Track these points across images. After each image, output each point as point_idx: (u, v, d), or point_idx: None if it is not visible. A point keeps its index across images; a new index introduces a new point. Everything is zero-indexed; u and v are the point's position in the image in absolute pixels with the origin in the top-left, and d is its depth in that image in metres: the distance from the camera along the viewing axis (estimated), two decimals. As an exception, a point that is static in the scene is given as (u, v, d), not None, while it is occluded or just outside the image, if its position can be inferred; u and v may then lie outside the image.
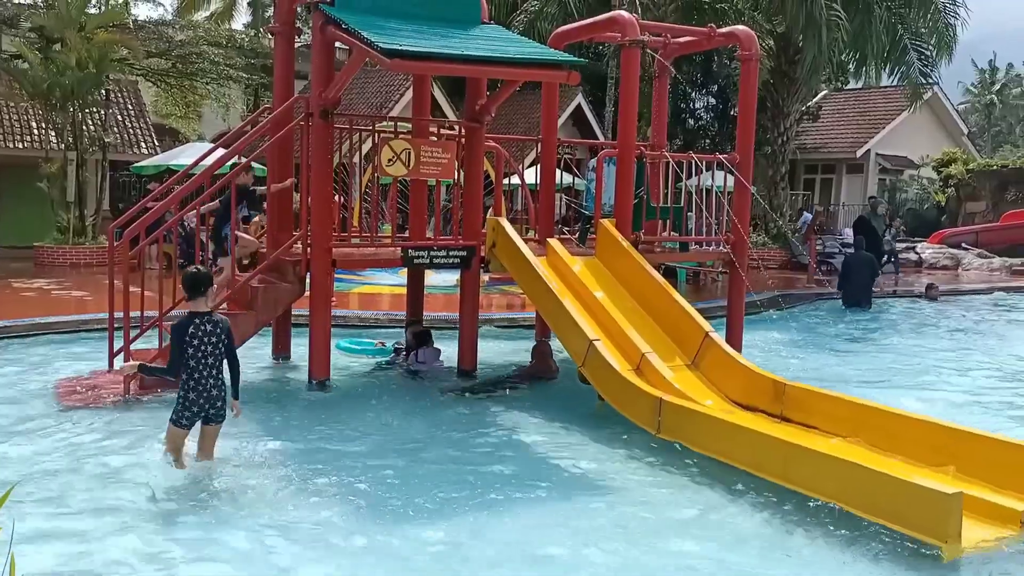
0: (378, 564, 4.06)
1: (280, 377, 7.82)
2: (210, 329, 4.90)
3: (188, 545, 4.15)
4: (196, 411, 4.93)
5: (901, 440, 5.36)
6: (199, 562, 4.02)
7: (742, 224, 8.86)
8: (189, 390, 4.90)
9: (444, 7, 7.16)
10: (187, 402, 4.91)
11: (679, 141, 23.68)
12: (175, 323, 5.02)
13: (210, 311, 5.07)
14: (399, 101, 21.25)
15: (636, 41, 8.04)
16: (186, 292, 5.03)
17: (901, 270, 19.36)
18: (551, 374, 7.77)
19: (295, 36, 8.27)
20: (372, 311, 10.90)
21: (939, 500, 4.09)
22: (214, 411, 4.97)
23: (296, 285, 7.34)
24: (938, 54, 19.48)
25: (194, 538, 4.23)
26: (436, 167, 7.57)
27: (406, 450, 5.70)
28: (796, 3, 16.79)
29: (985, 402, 7.59)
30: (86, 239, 17.42)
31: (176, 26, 21.97)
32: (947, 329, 12.24)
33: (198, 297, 4.96)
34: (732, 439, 5.29)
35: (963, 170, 27.00)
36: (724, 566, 4.08)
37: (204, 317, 4.93)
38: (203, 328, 4.89)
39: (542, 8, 19.05)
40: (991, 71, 54.87)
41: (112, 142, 19.74)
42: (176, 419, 4.95)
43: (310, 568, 4.01)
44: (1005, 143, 48.21)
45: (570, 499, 4.88)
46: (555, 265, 7.68)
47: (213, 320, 4.96)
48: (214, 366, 4.93)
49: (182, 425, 4.96)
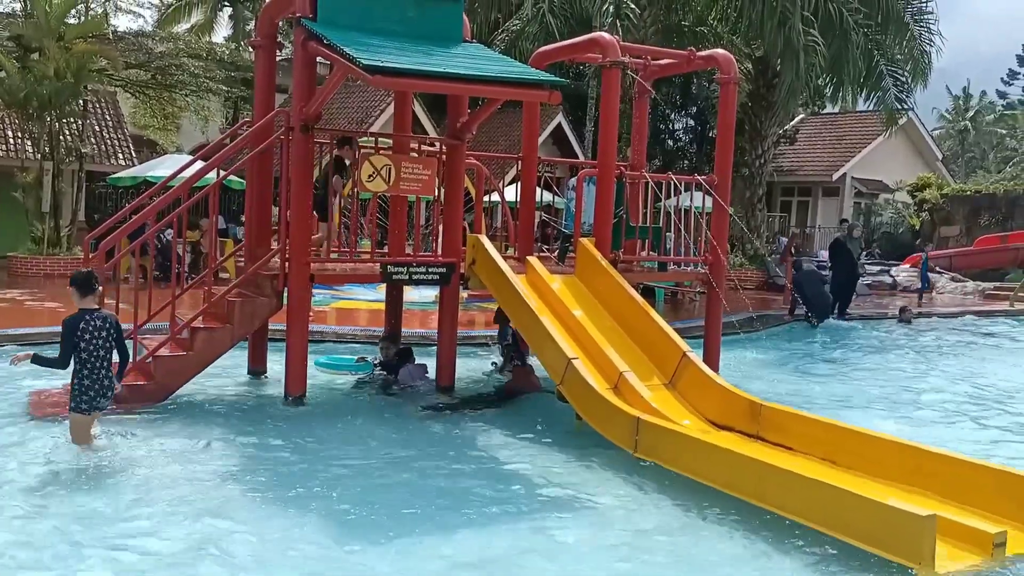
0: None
1: (255, 392, 7.73)
2: (99, 324, 5.44)
3: (153, 555, 4.08)
4: (92, 396, 5.44)
5: (875, 461, 5.39)
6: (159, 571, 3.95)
7: (720, 245, 8.94)
8: (84, 378, 5.42)
9: (426, 25, 7.18)
10: (83, 389, 5.42)
11: (658, 161, 23.90)
12: (67, 319, 5.45)
13: (98, 307, 5.57)
14: (379, 117, 21.27)
15: (617, 62, 8.12)
16: (76, 291, 5.48)
17: (873, 292, 19.67)
18: (533, 389, 7.74)
19: (276, 50, 8.26)
20: (350, 326, 10.83)
21: (914, 522, 4.11)
22: (104, 399, 5.54)
23: (273, 299, 7.28)
24: (913, 80, 19.86)
25: (156, 549, 4.16)
26: (417, 183, 7.56)
27: (377, 466, 5.66)
28: (774, 28, 17.06)
29: (959, 424, 7.67)
30: (61, 250, 17.21)
31: (156, 38, 21.85)
32: (920, 351, 12.39)
33: (88, 295, 5.49)
34: (708, 459, 5.29)
35: (937, 195, 27.47)
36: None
37: (93, 314, 5.47)
38: (93, 323, 5.42)
39: (524, 28, 19.22)
40: (965, 98, 55.99)
41: (89, 153, 19.57)
42: (76, 407, 5.47)
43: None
44: (979, 169, 49.16)
45: (544, 519, 4.85)
46: (534, 283, 7.68)
47: (102, 316, 5.50)
48: (105, 358, 5.47)
49: (83, 411, 5.48)
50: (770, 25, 17.07)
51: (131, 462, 5.43)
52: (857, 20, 18.12)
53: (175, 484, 5.11)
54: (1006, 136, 52.85)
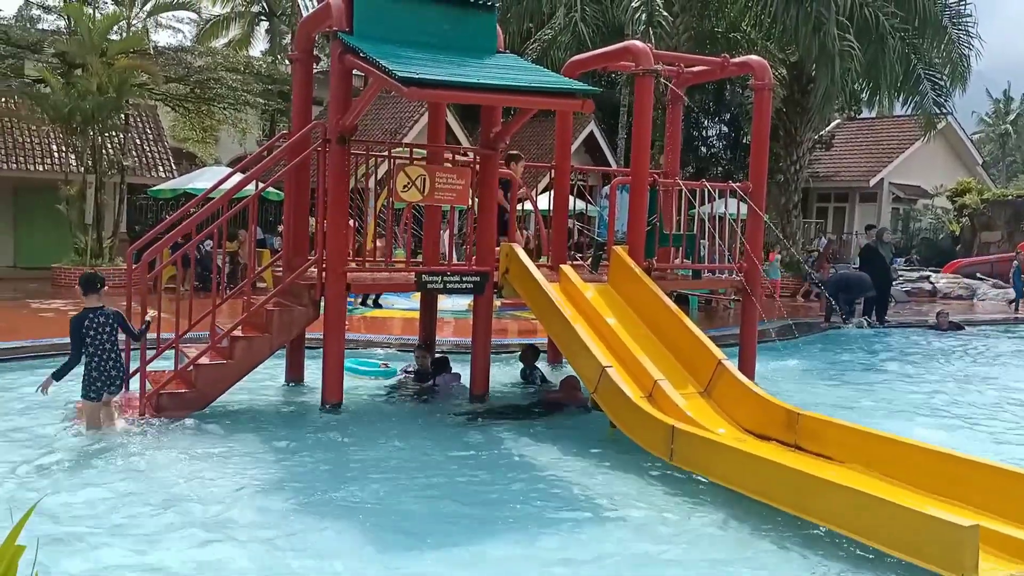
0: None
1: (292, 400, 7.84)
2: (103, 320, 6.06)
3: (195, 562, 4.16)
4: (100, 386, 6.09)
5: (916, 471, 5.31)
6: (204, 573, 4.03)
7: (755, 252, 8.87)
8: (92, 370, 6.06)
9: (460, 36, 7.26)
10: (91, 380, 6.07)
11: (691, 169, 23.77)
12: (73, 317, 6.08)
13: (102, 305, 6.13)
14: (413, 127, 21.47)
15: (650, 70, 8.12)
16: (81, 290, 6.17)
17: (912, 299, 19.34)
18: (577, 403, 7.67)
19: (313, 63, 8.40)
20: (384, 335, 10.94)
21: (956, 532, 4.04)
22: (114, 386, 6.22)
23: (311, 309, 7.39)
24: (952, 84, 19.52)
25: (201, 557, 4.24)
26: (451, 193, 7.63)
27: (414, 473, 5.70)
28: (809, 33, 16.90)
29: (1003, 434, 7.51)
30: (103, 261, 17.62)
31: (195, 52, 22.36)
32: (962, 359, 12.15)
33: (91, 294, 6.12)
34: (745, 468, 5.25)
35: (978, 200, 26.93)
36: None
37: (97, 311, 6.08)
38: (97, 320, 6.04)
39: (556, 37, 19.26)
40: (1005, 101, 54.90)
41: (130, 165, 20.03)
42: (86, 394, 6.11)
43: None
44: (1020, 173, 48.09)
45: (576, 527, 4.85)
46: (568, 291, 7.70)
47: (105, 313, 6.10)
48: (111, 350, 6.11)
49: (91, 399, 6.11)
50: (805, 30, 16.90)
51: (171, 470, 5.54)
52: (893, 24, 17.87)
53: (214, 490, 5.20)
54: (1049, 139, 51.65)
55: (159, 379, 7.02)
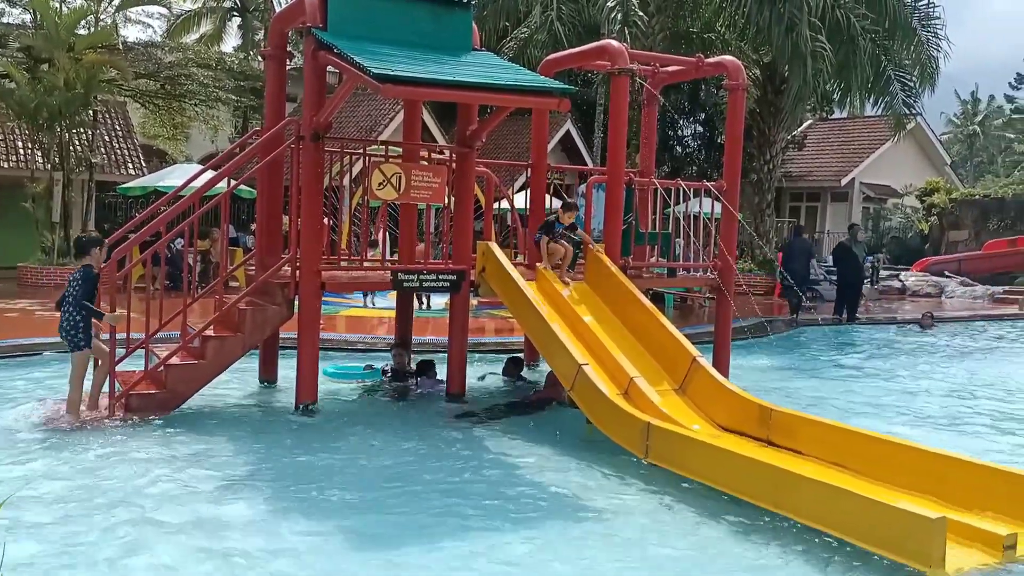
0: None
1: (266, 400, 7.77)
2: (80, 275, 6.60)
3: (163, 565, 4.10)
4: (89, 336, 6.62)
5: (885, 465, 5.38)
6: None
7: (729, 250, 8.94)
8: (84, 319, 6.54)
9: (436, 34, 7.23)
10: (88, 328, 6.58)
11: (667, 168, 23.92)
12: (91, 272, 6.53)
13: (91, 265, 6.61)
14: (389, 125, 21.37)
15: (625, 70, 8.15)
16: (77, 251, 6.82)
17: (882, 297, 19.66)
18: (563, 399, 7.67)
19: (287, 60, 8.32)
20: (360, 334, 10.87)
21: (924, 525, 4.10)
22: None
23: (284, 308, 7.32)
24: (921, 85, 19.84)
25: (170, 561, 4.17)
26: (426, 191, 7.60)
27: (388, 474, 5.67)
28: (782, 34, 17.08)
29: (970, 428, 7.64)
30: (71, 260, 17.32)
31: (165, 48, 22.03)
32: (931, 355, 12.35)
33: (81, 255, 6.72)
34: (719, 463, 5.29)
35: (946, 199, 27.39)
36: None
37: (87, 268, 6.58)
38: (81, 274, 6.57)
39: (532, 35, 19.28)
40: (973, 102, 55.90)
41: (99, 163, 19.73)
42: (85, 345, 6.58)
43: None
44: (987, 173, 48.98)
45: (553, 524, 4.85)
46: (544, 290, 7.70)
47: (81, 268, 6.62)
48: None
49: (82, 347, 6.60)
50: (778, 31, 17.08)
51: (140, 471, 5.44)
52: (864, 26, 18.11)
53: (185, 493, 5.13)
54: (1014, 141, 52.68)
55: (129, 379, 6.92)
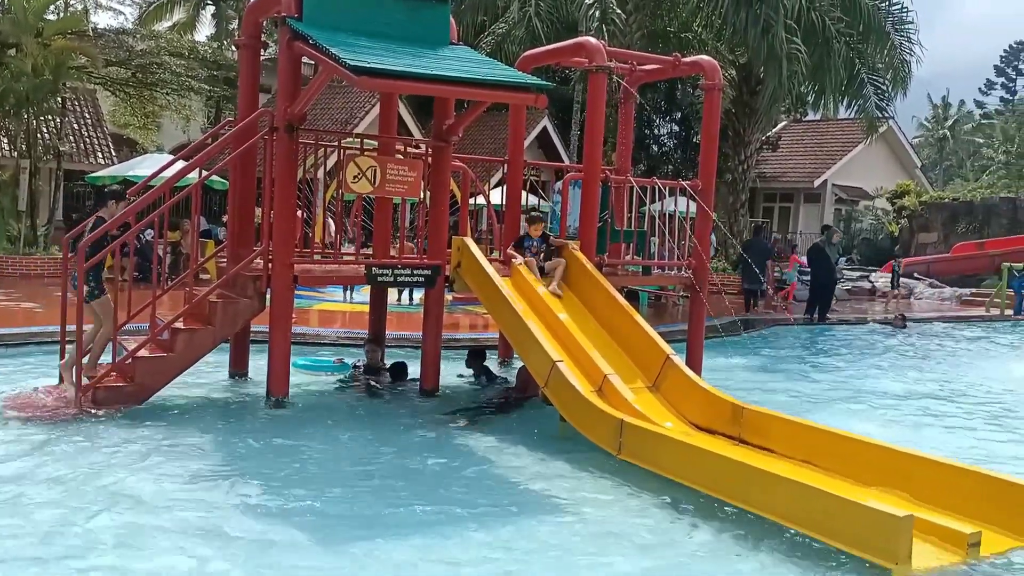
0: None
1: (236, 394, 7.67)
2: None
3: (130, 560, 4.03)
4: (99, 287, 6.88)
5: (854, 463, 5.44)
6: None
7: (703, 249, 8.99)
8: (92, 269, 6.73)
9: (413, 26, 7.17)
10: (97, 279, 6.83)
11: (643, 166, 24.05)
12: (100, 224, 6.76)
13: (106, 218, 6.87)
14: (364, 118, 21.23)
15: (603, 67, 8.15)
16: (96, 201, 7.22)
17: (853, 297, 19.93)
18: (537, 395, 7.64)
19: (261, 49, 8.21)
20: (332, 328, 10.79)
21: (891, 523, 4.15)
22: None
23: (256, 301, 7.23)
24: (893, 89, 20.11)
25: (129, 558, 4.10)
26: (402, 185, 7.55)
27: (359, 469, 5.63)
28: (758, 35, 17.20)
29: (938, 427, 7.76)
30: (38, 249, 17.01)
31: (137, 35, 21.65)
32: (902, 355, 12.52)
33: (100, 208, 7.05)
34: (691, 461, 5.31)
35: (916, 202, 27.79)
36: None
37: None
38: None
39: (510, 31, 19.25)
40: (944, 107, 56.82)
41: (67, 151, 19.38)
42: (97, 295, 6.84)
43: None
44: (956, 176, 49.83)
45: (525, 521, 4.84)
46: (520, 286, 7.68)
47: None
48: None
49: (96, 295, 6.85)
50: (753, 32, 17.21)
51: (107, 466, 5.36)
52: (839, 29, 18.31)
53: (154, 486, 5.05)
54: (983, 145, 53.61)
55: (96, 372, 6.79)
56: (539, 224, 8.06)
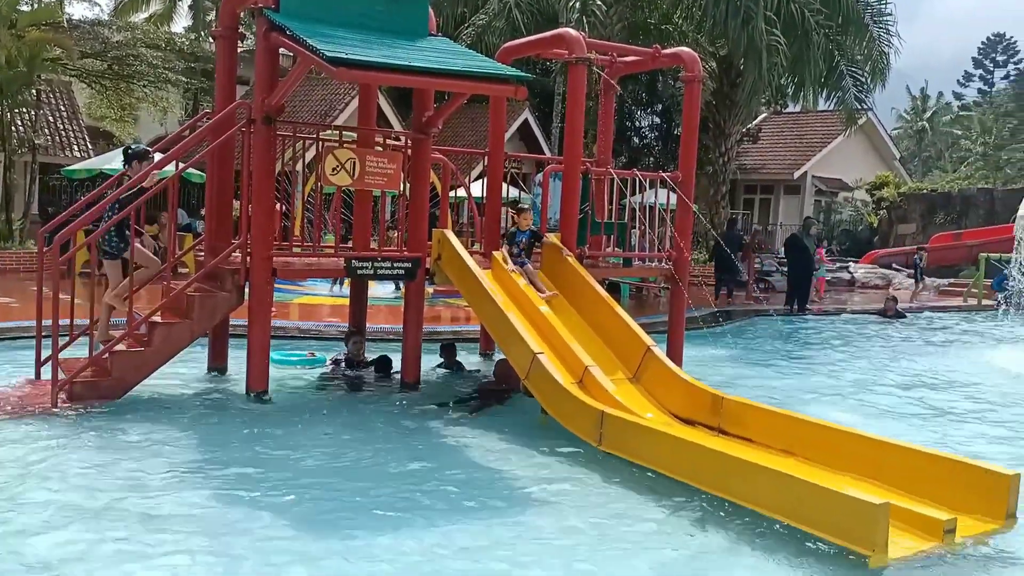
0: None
1: (215, 389, 7.61)
2: None
3: (110, 555, 3.99)
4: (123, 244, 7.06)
5: (832, 452, 5.49)
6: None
7: (684, 241, 9.01)
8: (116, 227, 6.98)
9: (391, 18, 7.12)
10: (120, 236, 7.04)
11: (624, 158, 24.07)
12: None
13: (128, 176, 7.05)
14: (344, 110, 21.08)
15: (583, 59, 8.13)
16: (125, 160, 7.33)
17: (832, 288, 20.12)
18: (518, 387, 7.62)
19: (238, 41, 8.12)
20: (313, 322, 10.73)
21: (868, 510, 4.19)
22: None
23: (234, 294, 7.17)
24: (872, 80, 20.26)
25: (117, 552, 4.07)
26: (382, 178, 7.50)
27: (341, 463, 5.60)
28: (738, 27, 17.26)
29: (915, 416, 7.84)
30: (13, 244, 16.77)
31: (113, 27, 21.35)
32: (881, 345, 12.65)
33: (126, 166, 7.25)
34: (671, 451, 5.34)
35: (895, 193, 28.06)
36: (649, 574, 4.12)
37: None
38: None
39: (490, 22, 19.19)
40: (923, 99, 57.31)
41: (42, 144, 19.11)
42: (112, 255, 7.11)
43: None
44: (934, 168, 50.35)
45: (506, 513, 4.84)
46: (500, 278, 7.67)
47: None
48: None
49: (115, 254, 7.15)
50: (734, 24, 17.27)
51: (84, 462, 5.29)
52: (818, 21, 18.41)
53: (132, 482, 5.00)
54: (961, 137, 54.18)
55: (73, 367, 6.72)
56: (527, 215, 8.03)
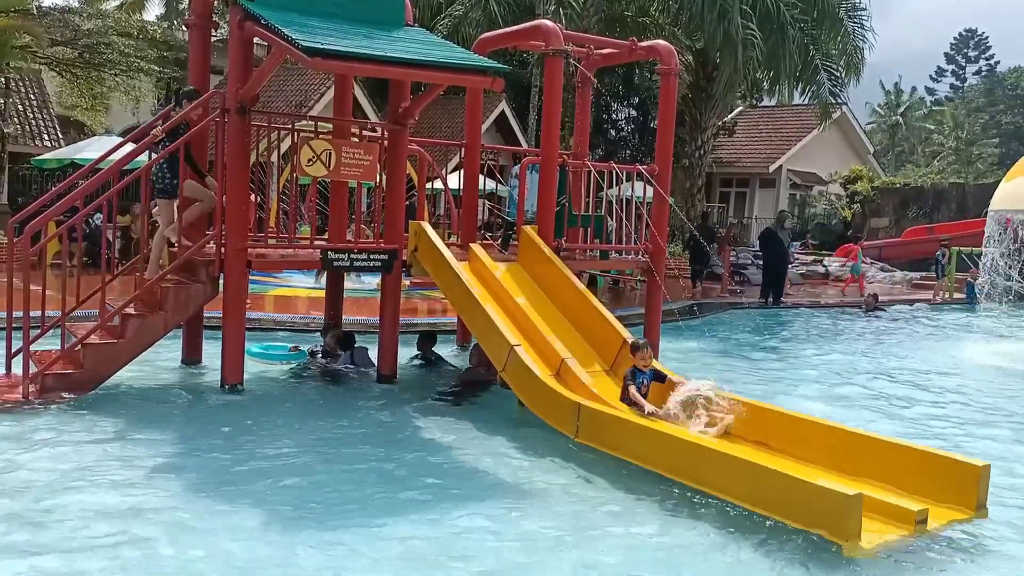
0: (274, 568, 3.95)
1: (189, 381, 7.54)
2: None
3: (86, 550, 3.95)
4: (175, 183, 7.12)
5: (805, 443, 5.56)
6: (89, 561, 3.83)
7: (660, 234, 9.06)
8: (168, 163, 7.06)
9: (367, 7, 7.07)
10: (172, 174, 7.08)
11: (601, 151, 24.13)
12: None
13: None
14: (319, 101, 20.90)
15: (560, 51, 8.13)
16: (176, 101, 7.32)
17: (806, 281, 20.34)
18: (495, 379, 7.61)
19: (212, 30, 8.02)
20: (288, 314, 10.65)
21: (840, 501, 4.26)
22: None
23: (208, 286, 7.10)
24: (847, 75, 20.44)
25: (79, 546, 4.03)
26: (358, 169, 7.46)
27: (317, 456, 5.58)
28: (714, 21, 17.34)
29: (886, 407, 7.96)
30: (-18, 235, 16.44)
31: (83, 14, 20.97)
32: (855, 338, 12.81)
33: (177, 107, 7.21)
34: (647, 443, 5.38)
35: (868, 187, 28.37)
36: (627, 565, 4.16)
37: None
38: None
39: (467, 13, 19.10)
40: (896, 94, 57.94)
41: (12, 133, 18.76)
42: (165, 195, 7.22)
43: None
44: (907, 162, 50.97)
45: (484, 504, 4.85)
46: (477, 270, 7.67)
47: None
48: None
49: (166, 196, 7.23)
50: (710, 18, 17.34)
51: (56, 456, 5.23)
52: (793, 15, 18.54)
53: (105, 476, 4.95)
54: (934, 132, 54.88)
55: (44, 359, 6.63)
56: (643, 352, 6.33)
